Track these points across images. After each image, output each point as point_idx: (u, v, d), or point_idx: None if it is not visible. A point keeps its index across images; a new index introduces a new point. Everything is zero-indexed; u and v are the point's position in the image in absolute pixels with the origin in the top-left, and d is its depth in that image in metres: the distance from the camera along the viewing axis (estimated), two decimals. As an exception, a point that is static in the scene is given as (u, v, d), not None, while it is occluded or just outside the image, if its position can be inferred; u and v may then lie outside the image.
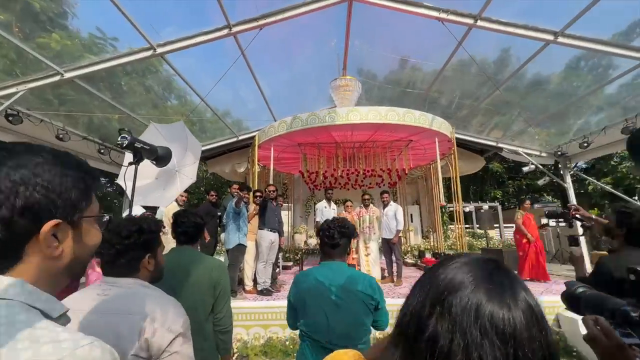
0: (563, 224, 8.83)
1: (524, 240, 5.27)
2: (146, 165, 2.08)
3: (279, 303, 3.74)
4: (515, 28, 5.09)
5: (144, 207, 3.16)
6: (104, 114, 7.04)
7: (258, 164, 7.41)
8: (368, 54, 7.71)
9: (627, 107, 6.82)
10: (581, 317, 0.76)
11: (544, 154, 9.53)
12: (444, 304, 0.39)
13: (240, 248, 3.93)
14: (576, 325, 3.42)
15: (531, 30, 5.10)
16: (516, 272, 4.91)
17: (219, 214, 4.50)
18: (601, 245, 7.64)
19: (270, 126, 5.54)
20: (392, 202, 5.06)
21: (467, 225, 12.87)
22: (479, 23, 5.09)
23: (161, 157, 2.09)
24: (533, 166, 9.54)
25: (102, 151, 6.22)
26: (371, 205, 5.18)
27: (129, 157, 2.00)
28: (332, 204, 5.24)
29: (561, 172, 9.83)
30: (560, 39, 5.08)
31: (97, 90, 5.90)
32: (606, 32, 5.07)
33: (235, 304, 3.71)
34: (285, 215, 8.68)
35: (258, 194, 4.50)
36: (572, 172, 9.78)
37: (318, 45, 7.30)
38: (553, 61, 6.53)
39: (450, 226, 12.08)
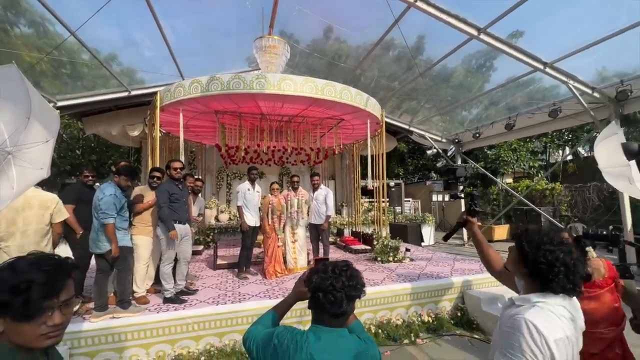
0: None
1: None
2: None
3: (192, 312, 3.05)
4: (448, 16, 5.13)
5: None
6: None
7: (160, 130, 5.99)
8: (294, 16, 6.90)
9: (510, 106, 8.06)
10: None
11: (443, 140, 10.76)
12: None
13: (124, 250, 2.97)
14: (477, 301, 3.88)
15: (461, 22, 5.23)
16: None
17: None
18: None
19: (178, 85, 4.34)
20: (322, 186, 4.74)
21: (373, 200, 13.95)
22: (418, 3, 4.92)
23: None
24: (435, 150, 10.75)
25: None
26: (300, 188, 4.75)
27: None
28: (257, 185, 4.58)
29: (453, 156, 11.39)
30: (482, 36, 5.40)
31: None
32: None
33: (130, 320, 2.86)
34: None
35: (156, 174, 3.46)
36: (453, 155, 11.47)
37: (241, -8, 6.09)
38: (460, 54, 7.12)
39: (361, 200, 12.90)
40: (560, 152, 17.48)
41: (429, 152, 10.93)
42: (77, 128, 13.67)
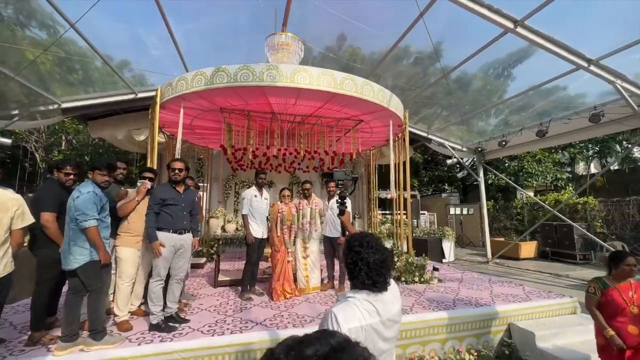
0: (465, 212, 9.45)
1: (600, 340, 2.33)
2: None
3: (180, 345, 2.46)
4: (480, 7, 4.61)
5: None
6: None
7: (163, 131, 5.58)
8: (307, 22, 6.63)
9: (541, 111, 7.41)
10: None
11: (464, 149, 10.08)
12: None
13: (98, 266, 2.40)
14: (530, 336, 3.17)
15: (495, 14, 4.69)
16: None
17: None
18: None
19: (180, 78, 3.91)
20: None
21: (388, 212, 13.26)
22: (447, -8, 4.44)
23: None
24: (455, 159, 10.08)
25: None
26: (313, 195, 4.18)
27: None
28: (265, 191, 4.04)
29: (474, 165, 10.67)
30: (519, 30, 4.84)
31: None
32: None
33: (104, 353, 2.29)
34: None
35: (147, 175, 2.99)
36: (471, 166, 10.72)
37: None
38: (478, 62, 6.77)
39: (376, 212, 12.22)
40: (588, 164, 16.47)
41: (449, 161, 10.29)
42: (87, 134, 13.59)
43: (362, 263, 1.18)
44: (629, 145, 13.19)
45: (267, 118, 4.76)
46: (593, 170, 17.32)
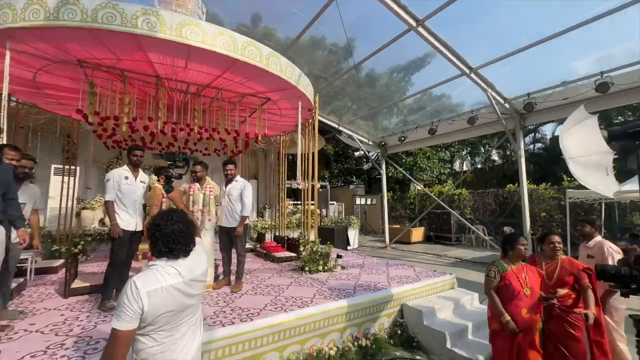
0: (369, 203, 10.31)
1: (495, 325, 2.26)
2: None
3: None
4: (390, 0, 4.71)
5: None
6: None
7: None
8: None
9: (433, 112, 8.35)
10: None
11: (370, 142, 10.72)
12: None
13: None
14: (419, 316, 3.36)
15: (401, 9, 4.87)
16: None
17: None
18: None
19: (3, 5, 2.71)
20: (238, 177, 3.65)
21: (298, 202, 13.25)
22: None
23: None
24: (363, 152, 10.64)
25: None
26: (208, 179, 3.56)
27: None
28: (142, 173, 3.22)
29: (377, 158, 11.51)
30: (420, 29, 5.16)
31: None
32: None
33: None
34: (60, 182, 5.48)
35: None
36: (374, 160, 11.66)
37: None
38: (385, 63, 7.34)
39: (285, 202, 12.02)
40: (462, 162, 19.97)
41: (356, 153, 10.86)
42: None
43: (159, 234, 1.30)
44: (490, 148, 16.44)
45: (151, 83, 3.85)
46: (465, 167, 21.11)
